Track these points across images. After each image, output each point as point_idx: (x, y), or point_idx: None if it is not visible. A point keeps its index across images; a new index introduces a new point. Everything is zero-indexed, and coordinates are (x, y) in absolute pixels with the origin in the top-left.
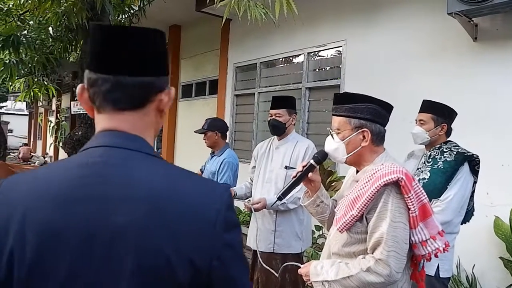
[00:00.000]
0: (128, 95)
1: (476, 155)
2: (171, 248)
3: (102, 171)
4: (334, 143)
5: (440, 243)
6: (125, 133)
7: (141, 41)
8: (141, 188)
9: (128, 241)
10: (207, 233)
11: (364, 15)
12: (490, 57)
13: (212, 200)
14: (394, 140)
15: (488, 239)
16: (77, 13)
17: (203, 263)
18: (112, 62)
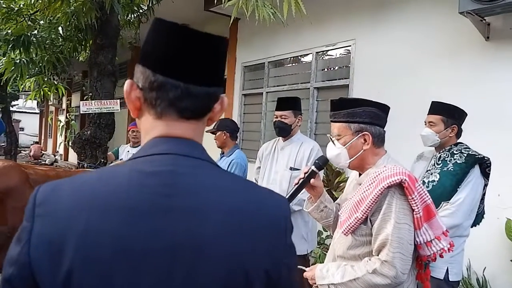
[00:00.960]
0: (196, 105)
1: (487, 157)
2: (250, 262)
3: (173, 180)
4: (335, 149)
5: (445, 243)
6: (191, 141)
7: (212, 49)
8: (219, 198)
9: (209, 255)
10: (278, 241)
11: (373, 14)
12: (503, 56)
13: (281, 209)
14: (404, 141)
15: (499, 242)
16: (86, 13)
17: (275, 271)
18: (185, 67)
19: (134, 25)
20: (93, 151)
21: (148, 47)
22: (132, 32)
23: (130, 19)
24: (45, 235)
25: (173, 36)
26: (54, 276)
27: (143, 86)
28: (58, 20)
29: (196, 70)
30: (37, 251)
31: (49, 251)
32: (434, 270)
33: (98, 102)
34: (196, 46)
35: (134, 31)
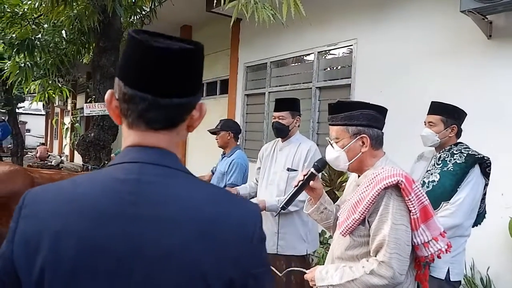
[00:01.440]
0: (164, 116)
1: (487, 157)
2: (212, 270)
3: (137, 189)
4: (334, 152)
5: (442, 244)
6: (161, 149)
7: (182, 61)
8: (183, 207)
9: (170, 263)
10: (245, 249)
11: (375, 13)
12: (506, 55)
13: (249, 218)
14: (405, 140)
15: (503, 241)
16: (89, 16)
17: (240, 280)
18: (152, 81)
19: (137, 27)
20: (97, 153)
21: (122, 60)
22: None
23: (132, 21)
24: (25, 235)
25: (141, 51)
26: (30, 273)
27: (118, 97)
28: (61, 24)
29: (163, 83)
30: (18, 249)
31: (27, 250)
32: (435, 270)
33: (102, 105)
34: (163, 60)
35: None
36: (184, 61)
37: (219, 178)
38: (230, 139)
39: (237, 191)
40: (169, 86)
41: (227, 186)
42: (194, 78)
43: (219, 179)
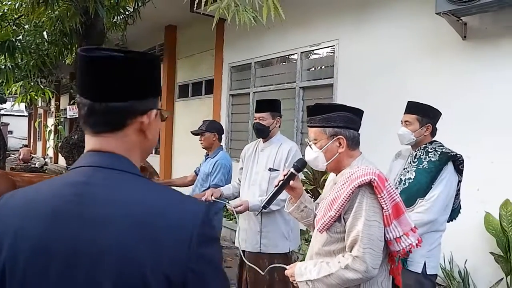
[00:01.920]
0: (102, 120)
1: (460, 154)
2: (148, 268)
3: (83, 190)
4: (313, 153)
5: (413, 239)
6: (110, 153)
7: (117, 68)
8: (122, 208)
9: (109, 260)
10: (182, 248)
11: (356, 14)
12: (480, 55)
13: (188, 215)
14: (386, 138)
15: (479, 235)
16: (70, 18)
17: (178, 276)
18: (88, 87)
19: (121, 27)
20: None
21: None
22: (118, 34)
23: (116, 22)
24: None
25: (80, 61)
26: None
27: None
28: (43, 25)
29: (96, 89)
30: None
31: None
32: (412, 265)
33: None
34: (94, 67)
35: (120, 33)
36: (114, 67)
37: (203, 179)
38: (215, 141)
39: (221, 192)
40: (101, 91)
41: (211, 187)
42: (132, 84)
43: (203, 180)
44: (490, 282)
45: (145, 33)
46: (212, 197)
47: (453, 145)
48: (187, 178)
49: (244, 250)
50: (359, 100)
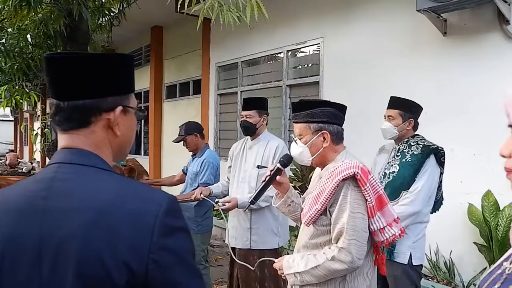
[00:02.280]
0: (67, 118)
1: (441, 147)
2: (109, 255)
3: (50, 185)
4: (298, 148)
5: (396, 230)
6: (77, 149)
7: (76, 67)
8: (84, 199)
9: (70, 250)
10: (143, 237)
11: (340, 12)
12: (459, 51)
13: (150, 206)
14: (371, 132)
15: (463, 226)
16: (54, 20)
17: (139, 266)
18: (53, 88)
19: (106, 28)
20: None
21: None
22: (104, 35)
23: (101, 23)
24: None
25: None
26: None
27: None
28: (26, 28)
29: (58, 88)
30: None
31: None
32: (398, 256)
33: None
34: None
35: (106, 34)
36: (72, 67)
37: (192, 179)
38: (198, 140)
39: (211, 190)
40: (64, 90)
41: (200, 185)
42: (94, 83)
43: (192, 180)
44: (475, 272)
45: (131, 35)
46: (201, 195)
47: (436, 139)
48: (175, 177)
49: (234, 247)
50: (344, 97)
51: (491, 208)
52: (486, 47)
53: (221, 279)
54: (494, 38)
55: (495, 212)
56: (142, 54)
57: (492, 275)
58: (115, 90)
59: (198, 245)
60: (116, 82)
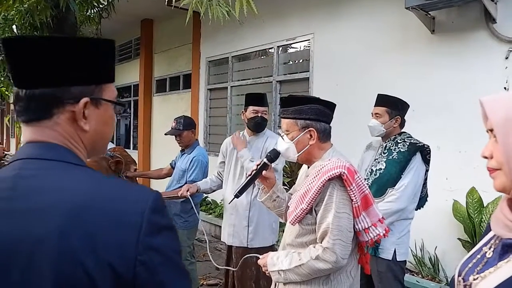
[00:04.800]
0: (25, 108)
1: (427, 145)
2: (90, 257)
3: (14, 184)
4: (285, 144)
5: (380, 230)
6: (41, 143)
7: (35, 53)
8: (56, 199)
9: (46, 253)
10: (130, 238)
11: (331, 9)
12: (447, 48)
13: (135, 205)
14: (359, 129)
15: (448, 222)
16: (40, 11)
17: (126, 269)
18: (12, 75)
19: (95, 20)
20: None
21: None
22: (93, 28)
23: (90, 15)
24: None
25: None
26: None
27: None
28: (12, 18)
29: (19, 76)
30: None
31: None
32: (383, 252)
33: None
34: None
35: (95, 27)
36: (30, 51)
37: (180, 176)
38: (193, 136)
39: (198, 187)
40: (22, 77)
41: (188, 182)
42: (53, 70)
43: (179, 176)
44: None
45: (121, 27)
46: (187, 193)
47: (422, 136)
48: (163, 170)
49: (231, 245)
50: (333, 93)
51: (475, 205)
52: (473, 45)
53: (208, 274)
54: (481, 36)
55: (479, 209)
56: (132, 48)
57: (473, 259)
58: (82, 79)
59: (184, 241)
60: (83, 70)
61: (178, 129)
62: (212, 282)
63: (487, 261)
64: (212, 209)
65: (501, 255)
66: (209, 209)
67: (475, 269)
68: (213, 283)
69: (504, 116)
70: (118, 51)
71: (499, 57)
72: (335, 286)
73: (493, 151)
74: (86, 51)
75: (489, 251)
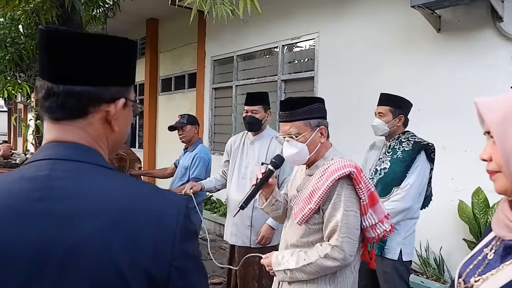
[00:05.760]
0: (59, 105)
1: (431, 143)
2: (127, 262)
3: (44, 185)
4: (295, 148)
5: (387, 225)
6: (71, 143)
7: (80, 47)
8: (94, 202)
9: (82, 257)
10: (165, 243)
11: (336, 7)
12: (453, 47)
13: (170, 210)
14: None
15: (453, 222)
16: (46, 11)
17: (161, 273)
18: (47, 66)
19: (101, 20)
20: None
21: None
22: (98, 27)
23: (95, 15)
24: None
25: (42, 39)
26: None
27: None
28: (19, 18)
29: (55, 68)
30: None
31: None
32: (389, 252)
33: None
34: (59, 46)
35: (100, 26)
36: (77, 46)
37: (182, 173)
38: (196, 133)
39: (202, 185)
40: (62, 72)
41: (191, 180)
42: (96, 68)
43: (182, 174)
44: None
45: (127, 27)
46: (190, 191)
47: (428, 136)
48: (167, 170)
49: (234, 244)
50: (338, 92)
51: (481, 205)
52: (479, 44)
53: (213, 272)
54: (487, 35)
55: (485, 209)
56: (137, 47)
57: (474, 261)
58: (121, 80)
59: None
60: (124, 70)
61: (182, 122)
62: (216, 281)
63: (489, 263)
64: (216, 208)
65: (502, 257)
66: (214, 208)
67: (476, 270)
68: (217, 281)
69: (500, 117)
70: None
71: (506, 56)
72: (341, 282)
73: (492, 154)
74: (123, 50)
75: (490, 253)
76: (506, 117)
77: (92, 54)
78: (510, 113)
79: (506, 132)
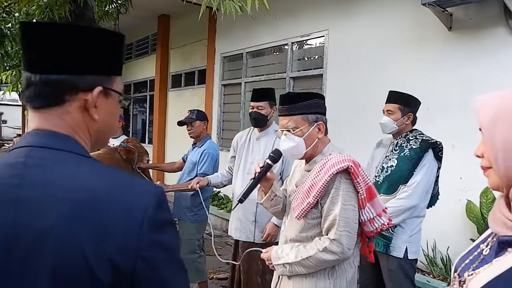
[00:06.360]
0: (37, 93)
1: (439, 142)
2: (92, 249)
3: (21, 172)
4: (292, 142)
5: (385, 219)
6: (48, 131)
7: (54, 38)
8: (63, 190)
9: (48, 243)
10: (132, 233)
11: (345, 5)
12: (464, 45)
13: (140, 200)
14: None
15: (461, 222)
16: (59, 6)
17: (126, 263)
18: (26, 59)
19: (113, 16)
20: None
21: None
22: (111, 23)
23: (108, 10)
24: None
25: (19, 31)
26: None
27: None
28: (33, 12)
29: (34, 60)
30: None
31: None
32: (394, 250)
33: None
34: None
35: (113, 22)
36: (50, 36)
37: (190, 168)
38: (205, 129)
39: (209, 180)
40: (37, 62)
41: (198, 175)
42: (72, 57)
43: (190, 169)
44: None
45: (138, 23)
46: (197, 186)
47: (437, 134)
48: (175, 164)
49: (238, 239)
50: (347, 90)
51: (489, 205)
52: (491, 42)
53: (218, 268)
54: (499, 33)
55: None
56: (149, 43)
57: (469, 256)
58: (97, 68)
59: (193, 234)
60: (99, 59)
61: (191, 118)
62: (221, 276)
63: (484, 258)
64: (224, 204)
65: (497, 252)
66: (221, 204)
67: (471, 265)
68: (222, 277)
69: (490, 114)
70: (135, 46)
71: None
72: (340, 276)
73: (484, 150)
74: (102, 41)
75: (486, 248)
76: (496, 115)
77: (66, 44)
78: (501, 112)
79: (495, 130)
